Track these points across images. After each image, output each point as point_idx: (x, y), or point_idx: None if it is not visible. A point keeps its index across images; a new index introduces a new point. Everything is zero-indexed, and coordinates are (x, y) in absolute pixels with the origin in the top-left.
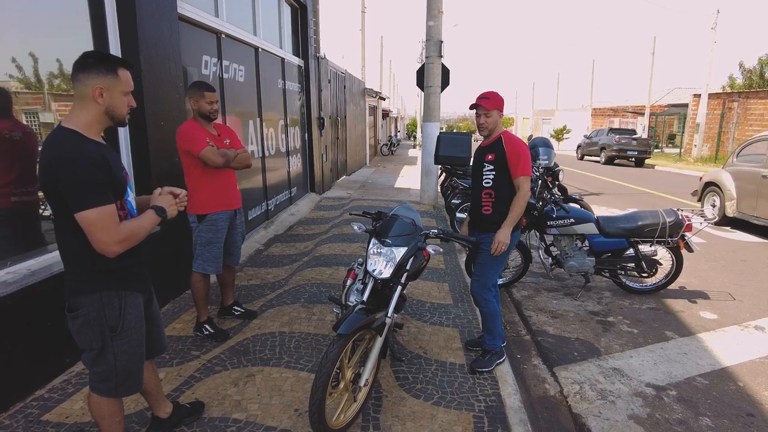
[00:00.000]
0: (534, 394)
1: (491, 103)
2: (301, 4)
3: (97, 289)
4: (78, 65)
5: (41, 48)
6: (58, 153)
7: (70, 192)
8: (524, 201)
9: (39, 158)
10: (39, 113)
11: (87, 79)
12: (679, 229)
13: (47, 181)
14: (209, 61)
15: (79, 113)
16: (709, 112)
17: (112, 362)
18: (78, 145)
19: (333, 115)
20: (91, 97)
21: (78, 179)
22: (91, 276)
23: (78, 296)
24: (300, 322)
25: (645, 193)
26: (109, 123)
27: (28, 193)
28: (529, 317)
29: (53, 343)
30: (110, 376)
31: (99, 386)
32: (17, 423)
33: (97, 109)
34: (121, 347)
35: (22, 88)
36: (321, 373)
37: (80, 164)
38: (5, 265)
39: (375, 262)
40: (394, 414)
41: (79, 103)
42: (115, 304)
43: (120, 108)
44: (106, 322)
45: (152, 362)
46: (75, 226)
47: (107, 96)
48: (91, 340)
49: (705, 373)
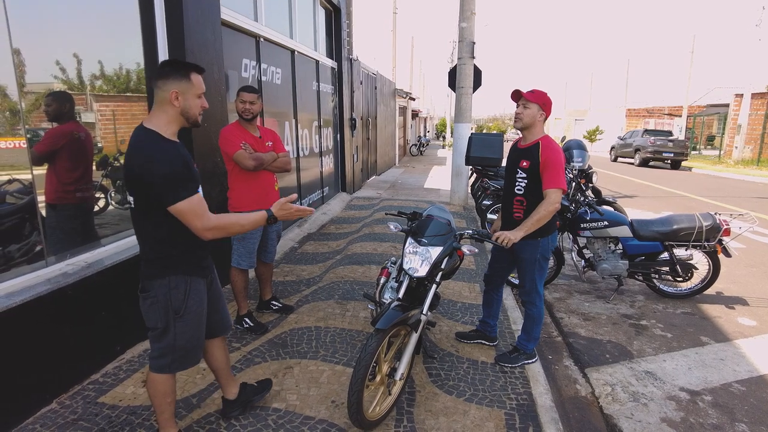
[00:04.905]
0: (565, 394)
1: (533, 95)
2: (335, 6)
3: (168, 273)
4: (156, 73)
5: (100, 53)
6: (144, 152)
7: (161, 188)
8: (548, 212)
9: (126, 157)
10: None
11: (164, 84)
12: (716, 233)
13: (134, 178)
14: (249, 65)
15: (159, 115)
16: (751, 113)
17: (172, 341)
18: (159, 144)
19: (364, 115)
20: (168, 100)
21: (166, 176)
22: (164, 262)
23: (151, 279)
24: (335, 318)
25: (681, 196)
26: (184, 123)
27: (88, 189)
28: (560, 319)
29: (107, 332)
30: (168, 353)
31: (156, 362)
32: (77, 403)
33: (174, 111)
34: (182, 328)
35: (78, 91)
36: (360, 365)
37: (165, 162)
38: (65, 258)
39: (411, 260)
40: (427, 408)
41: (158, 107)
42: (182, 288)
43: (193, 109)
44: (171, 304)
45: (223, 340)
46: (156, 217)
47: (182, 99)
48: (157, 319)
49: (742, 379)
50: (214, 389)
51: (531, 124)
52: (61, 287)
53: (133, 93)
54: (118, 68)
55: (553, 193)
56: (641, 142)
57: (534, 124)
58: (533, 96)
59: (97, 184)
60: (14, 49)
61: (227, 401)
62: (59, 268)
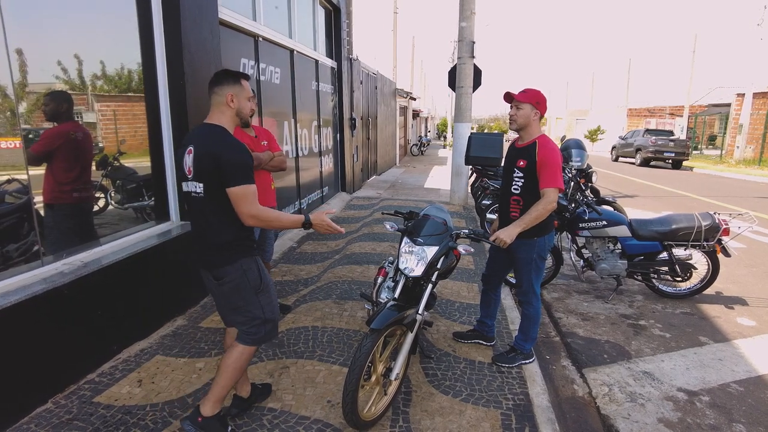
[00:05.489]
0: (562, 395)
1: (525, 95)
2: (335, 6)
3: (237, 258)
4: (212, 82)
5: (96, 52)
6: (221, 141)
7: (229, 170)
8: (545, 210)
9: (196, 147)
10: (82, 113)
11: (221, 89)
12: (715, 233)
13: (209, 164)
14: (247, 64)
15: (219, 116)
16: (753, 112)
17: (261, 314)
18: (230, 137)
19: (364, 115)
20: (225, 102)
21: (239, 162)
22: (232, 248)
23: (223, 266)
24: (332, 318)
25: (682, 196)
26: (238, 122)
27: (86, 189)
28: (559, 319)
29: (103, 331)
30: (261, 325)
31: (250, 338)
32: (72, 403)
33: (231, 111)
34: (265, 300)
35: (77, 91)
36: (354, 365)
37: (241, 151)
38: (62, 257)
39: (407, 260)
40: (423, 408)
41: (217, 108)
42: (253, 267)
43: (245, 110)
44: (250, 283)
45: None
46: (223, 205)
47: (236, 101)
48: (239, 299)
49: (740, 380)
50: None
51: (526, 124)
52: (57, 287)
53: (133, 93)
54: (115, 67)
55: (549, 192)
56: (642, 142)
57: (529, 123)
58: (525, 96)
59: (97, 183)
60: (8, 48)
61: (240, 398)
62: (55, 268)
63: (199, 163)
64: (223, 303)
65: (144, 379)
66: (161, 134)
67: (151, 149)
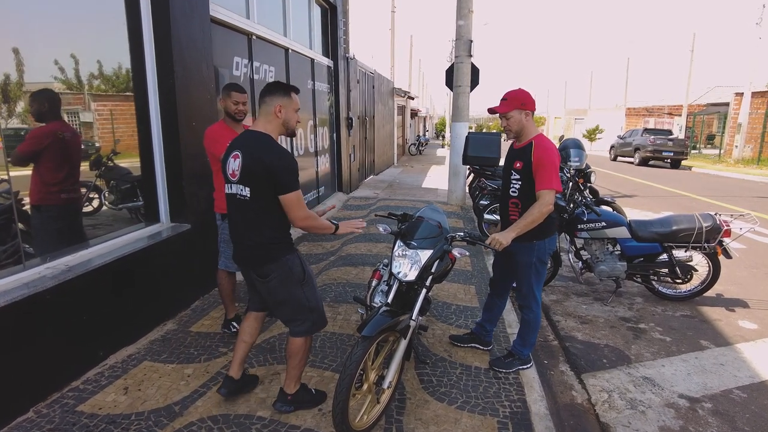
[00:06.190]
0: (561, 401)
1: (508, 104)
2: (330, 4)
3: (281, 256)
4: (264, 92)
5: (82, 50)
6: (273, 149)
7: (282, 177)
8: (541, 213)
9: (244, 153)
10: (79, 113)
11: (271, 100)
12: (716, 235)
13: (262, 170)
14: (240, 63)
15: (266, 125)
16: (752, 111)
17: (306, 304)
18: (279, 145)
19: (361, 115)
20: (273, 112)
21: (289, 168)
22: (277, 246)
23: (268, 264)
24: None
25: (681, 196)
26: (283, 132)
27: (74, 190)
28: (557, 322)
29: (88, 337)
30: (308, 317)
31: (300, 329)
32: (54, 412)
33: (278, 121)
34: (310, 291)
35: (64, 89)
36: (345, 374)
37: (289, 158)
38: (45, 261)
39: (400, 264)
40: (417, 417)
41: (264, 117)
42: (296, 261)
43: (292, 121)
44: (294, 276)
45: (264, 317)
46: (269, 207)
47: (284, 112)
48: (286, 293)
49: (743, 385)
50: (197, 396)
51: (521, 129)
52: (39, 292)
53: (122, 91)
54: (102, 65)
55: (546, 194)
56: (641, 141)
57: (523, 126)
58: (507, 104)
59: (91, 184)
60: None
61: (230, 379)
62: (38, 272)
63: (248, 168)
64: (268, 298)
65: (130, 386)
66: (151, 134)
67: (140, 149)
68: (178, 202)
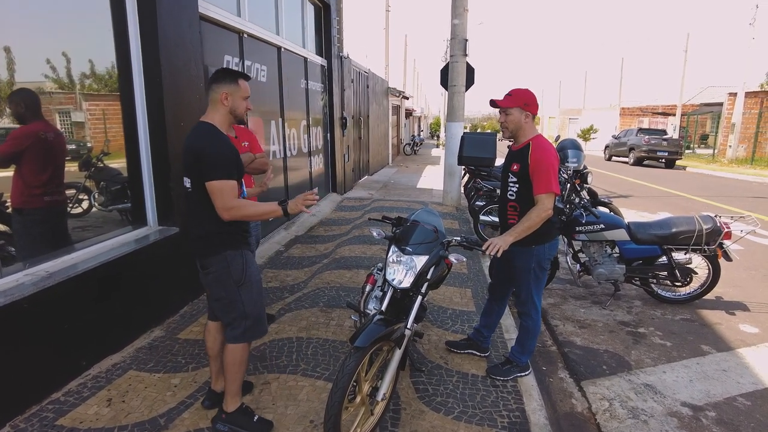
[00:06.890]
0: (560, 410)
1: (511, 99)
2: (324, 3)
3: (222, 249)
4: (211, 79)
5: (64, 48)
6: (204, 137)
7: (208, 165)
8: (539, 218)
9: (186, 144)
10: (69, 113)
11: (218, 87)
12: (716, 237)
13: (193, 158)
14: (231, 61)
15: (213, 114)
16: (745, 111)
17: (241, 308)
18: (216, 134)
19: (355, 114)
20: (219, 100)
21: (216, 157)
22: (216, 239)
23: (208, 257)
24: (318, 328)
25: (676, 196)
26: (233, 120)
27: (58, 192)
28: (555, 326)
29: (70, 346)
30: (240, 322)
31: (231, 333)
32: (32, 427)
33: (224, 109)
34: (247, 296)
35: (47, 89)
36: (337, 387)
37: (220, 146)
38: (23, 267)
39: (394, 270)
40: (412, 428)
41: (212, 106)
42: (238, 260)
43: (240, 109)
44: (232, 276)
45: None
46: (205, 197)
47: (230, 99)
48: (221, 291)
49: (747, 392)
50: (184, 408)
51: (518, 128)
52: (16, 300)
53: (113, 92)
54: (87, 63)
55: (543, 198)
56: (635, 141)
57: (521, 127)
58: (511, 100)
59: (80, 185)
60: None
61: (213, 392)
62: (15, 279)
63: (186, 158)
64: (208, 293)
65: (114, 397)
66: (137, 134)
67: (126, 150)
68: (165, 204)
